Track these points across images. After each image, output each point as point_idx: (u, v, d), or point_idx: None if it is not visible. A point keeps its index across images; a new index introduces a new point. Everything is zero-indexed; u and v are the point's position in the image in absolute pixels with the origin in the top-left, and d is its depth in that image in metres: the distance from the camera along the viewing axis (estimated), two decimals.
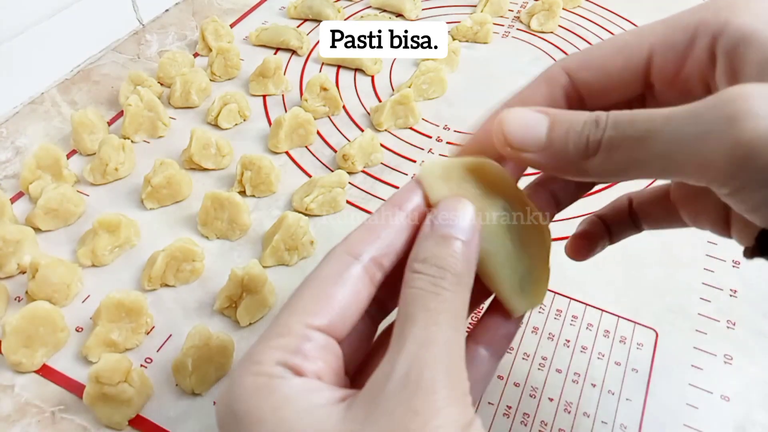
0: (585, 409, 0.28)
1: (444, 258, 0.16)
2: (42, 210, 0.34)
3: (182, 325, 0.30)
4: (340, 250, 0.17)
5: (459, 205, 0.17)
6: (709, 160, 0.14)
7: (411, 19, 0.52)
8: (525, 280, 0.18)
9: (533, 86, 0.19)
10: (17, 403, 0.27)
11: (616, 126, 0.15)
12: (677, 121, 0.14)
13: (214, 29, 0.47)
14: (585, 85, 0.18)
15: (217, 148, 0.38)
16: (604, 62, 0.18)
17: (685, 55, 0.17)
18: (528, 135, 0.16)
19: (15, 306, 0.31)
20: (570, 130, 0.16)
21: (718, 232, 0.20)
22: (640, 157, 0.15)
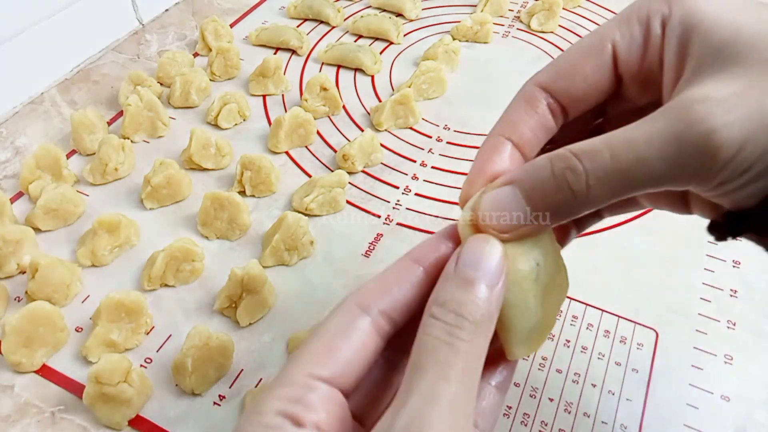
0: (585, 409, 0.28)
1: (464, 303, 0.15)
2: (42, 210, 0.34)
3: (182, 325, 0.30)
4: (350, 302, 0.17)
5: (487, 246, 0.16)
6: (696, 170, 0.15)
7: (411, 18, 0.52)
8: (533, 330, 0.17)
9: (516, 109, 0.18)
10: (17, 404, 0.27)
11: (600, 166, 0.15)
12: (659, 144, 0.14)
13: (214, 29, 0.47)
14: (563, 96, 0.18)
15: (216, 148, 0.38)
16: (574, 69, 0.18)
17: (645, 46, 0.17)
18: (510, 215, 0.16)
19: (15, 306, 0.31)
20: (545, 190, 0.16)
21: (677, 211, 0.21)
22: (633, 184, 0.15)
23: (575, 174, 0.15)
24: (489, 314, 0.15)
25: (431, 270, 0.17)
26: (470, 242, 0.16)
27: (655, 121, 0.15)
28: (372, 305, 0.16)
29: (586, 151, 0.15)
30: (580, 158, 0.15)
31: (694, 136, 0.14)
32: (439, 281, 0.16)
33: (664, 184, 0.15)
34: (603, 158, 0.15)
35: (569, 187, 0.15)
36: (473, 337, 0.15)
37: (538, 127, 0.18)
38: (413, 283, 0.17)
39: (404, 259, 0.17)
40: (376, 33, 0.50)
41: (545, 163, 0.16)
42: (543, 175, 0.16)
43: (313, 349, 0.16)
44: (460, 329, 0.15)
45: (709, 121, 0.14)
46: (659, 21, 0.17)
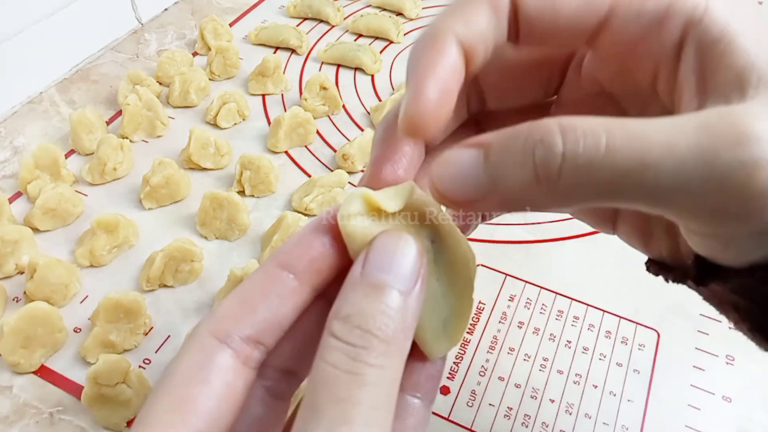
0: (586, 410, 0.28)
1: (372, 316, 0.12)
2: (40, 210, 0.34)
3: (181, 326, 0.30)
4: (203, 332, 0.13)
5: (399, 243, 0.13)
6: (712, 207, 0.11)
7: (411, 17, 0.52)
8: (448, 321, 0.15)
9: (477, 9, 0.14)
10: (15, 404, 0.27)
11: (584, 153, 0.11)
12: (681, 153, 0.11)
13: (213, 28, 0.47)
14: (527, 18, 0.14)
15: (216, 148, 0.38)
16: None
17: (649, 32, 0.14)
18: (465, 184, 0.13)
19: (13, 306, 0.31)
20: (509, 158, 0.12)
21: (599, 227, 0.18)
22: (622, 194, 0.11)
23: (547, 153, 0.11)
24: (404, 328, 0.12)
25: (306, 277, 0.14)
26: (379, 240, 0.13)
27: (684, 126, 0.11)
28: (232, 332, 0.13)
29: (577, 128, 0.11)
30: (565, 135, 0.11)
31: (733, 162, 0.11)
32: (342, 289, 0.13)
33: (662, 207, 0.12)
34: (595, 145, 0.11)
35: (533, 169, 0.12)
36: (385, 360, 0.12)
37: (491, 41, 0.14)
38: (283, 296, 0.13)
39: (269, 265, 0.14)
40: (376, 32, 0.49)
41: (522, 129, 0.12)
42: (514, 143, 0.12)
43: (164, 406, 0.12)
44: (366, 351, 0.12)
45: (759, 146, 0.11)
46: (683, 19, 0.13)
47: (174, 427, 0.12)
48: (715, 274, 0.14)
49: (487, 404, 0.28)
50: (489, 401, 0.28)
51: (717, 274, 0.14)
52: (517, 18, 0.14)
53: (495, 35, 0.14)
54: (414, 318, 0.13)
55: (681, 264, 0.15)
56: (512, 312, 0.31)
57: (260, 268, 0.14)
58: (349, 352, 0.12)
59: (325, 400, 0.12)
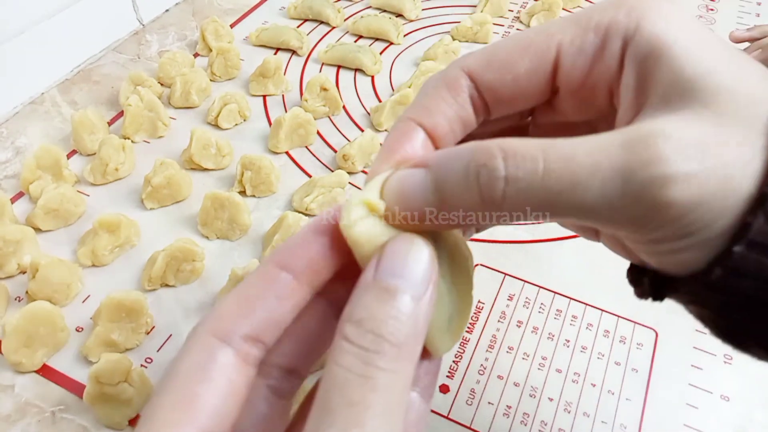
0: (585, 409, 0.28)
1: (384, 321, 0.12)
2: (42, 210, 0.34)
3: (182, 325, 0.30)
4: (203, 332, 0.13)
5: (411, 248, 0.13)
6: (633, 220, 0.13)
7: (411, 19, 0.52)
8: (452, 318, 0.15)
9: (434, 94, 0.16)
10: (17, 403, 0.27)
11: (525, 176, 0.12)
12: (604, 174, 0.12)
13: (215, 29, 0.47)
14: (489, 90, 0.15)
15: (217, 148, 0.38)
16: (508, 63, 0.15)
17: (595, 60, 0.15)
18: (413, 203, 0.13)
19: (15, 306, 0.31)
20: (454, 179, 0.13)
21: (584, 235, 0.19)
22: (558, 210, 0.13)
23: (491, 177, 0.12)
24: (415, 332, 0.13)
25: (304, 277, 0.14)
26: (392, 245, 0.13)
27: (607, 146, 0.12)
28: (232, 331, 0.13)
29: (518, 154, 0.12)
30: (507, 159, 0.12)
31: (646, 178, 0.12)
32: (354, 293, 0.13)
33: (592, 220, 0.13)
34: (534, 168, 0.12)
35: (478, 191, 0.13)
36: (396, 365, 0.12)
37: (455, 119, 0.15)
38: (281, 296, 0.14)
39: (267, 265, 0.14)
40: (376, 33, 0.50)
41: (464, 153, 0.13)
42: (456, 166, 0.13)
43: (168, 403, 0.12)
44: (378, 356, 0.12)
45: (669, 165, 0.12)
46: (620, 37, 0.14)
47: (180, 424, 0.12)
48: (668, 287, 0.15)
49: (486, 403, 0.28)
50: (488, 400, 0.28)
51: (669, 287, 0.15)
52: (480, 93, 0.15)
53: (458, 112, 0.15)
54: (425, 323, 0.13)
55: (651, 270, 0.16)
56: (511, 311, 0.32)
57: (259, 268, 0.14)
58: (362, 355, 0.12)
59: (338, 403, 0.12)
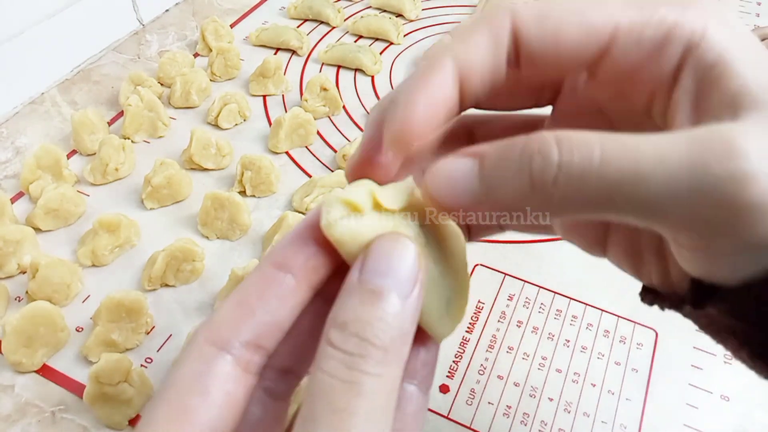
0: (585, 409, 0.28)
1: (370, 323, 0.12)
2: (42, 210, 0.34)
3: (182, 325, 0.30)
4: (201, 340, 0.13)
5: (396, 247, 0.13)
6: (702, 220, 0.11)
7: (411, 19, 0.52)
8: (450, 300, 0.15)
9: (478, 32, 0.14)
10: (17, 403, 0.27)
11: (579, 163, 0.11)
12: (673, 165, 0.11)
13: (215, 29, 0.47)
14: (529, 47, 0.14)
15: (217, 148, 0.38)
16: (559, 28, 0.14)
17: (649, 58, 0.14)
18: (458, 189, 0.13)
19: (15, 306, 0.31)
20: (505, 169, 0.12)
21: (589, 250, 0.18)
22: (615, 204, 0.12)
23: (544, 163, 0.12)
24: (402, 333, 0.12)
25: (303, 276, 0.14)
26: (377, 244, 0.13)
27: (675, 139, 0.12)
28: (230, 338, 0.13)
29: (572, 140, 0.12)
30: (561, 146, 0.12)
31: (723, 173, 0.11)
32: (340, 295, 0.13)
33: (653, 219, 0.12)
34: (589, 155, 0.11)
35: (529, 177, 0.12)
36: (382, 369, 0.12)
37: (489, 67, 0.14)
38: (281, 297, 0.13)
39: (264, 266, 0.14)
40: (376, 33, 0.50)
41: (518, 141, 0.12)
42: (508, 153, 0.12)
43: (162, 416, 0.12)
44: (363, 360, 0.12)
45: (750, 161, 0.11)
46: (684, 42, 0.13)
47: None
48: (710, 296, 0.14)
49: (486, 403, 0.28)
50: (488, 400, 0.28)
51: (712, 296, 0.14)
52: (517, 46, 0.14)
53: (493, 62, 0.14)
54: (413, 323, 0.13)
55: (671, 290, 0.15)
56: (511, 311, 0.32)
57: (256, 270, 0.14)
58: (346, 360, 0.12)
59: (323, 410, 0.11)
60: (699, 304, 0.14)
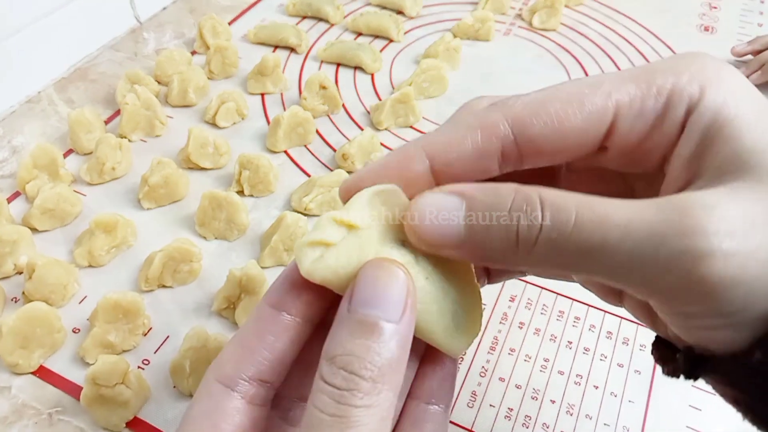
0: (587, 411, 0.27)
1: (358, 356, 0.12)
2: (38, 210, 0.33)
3: (180, 327, 0.30)
4: (210, 379, 0.14)
5: (381, 274, 0.13)
6: (666, 288, 0.12)
7: (411, 16, 0.52)
8: (458, 314, 0.14)
9: (464, 131, 0.14)
10: (14, 405, 0.27)
11: (557, 227, 0.12)
12: (636, 236, 0.12)
13: (212, 27, 0.47)
14: (530, 143, 0.14)
15: (214, 147, 0.38)
16: (559, 118, 0.14)
17: (654, 126, 0.14)
18: (443, 229, 0.13)
19: (11, 307, 0.31)
20: (492, 220, 0.13)
21: (606, 300, 0.18)
22: (585, 266, 0.12)
23: (529, 223, 0.12)
24: (393, 360, 0.12)
25: (297, 311, 0.14)
26: (362, 274, 0.13)
27: (643, 209, 0.12)
28: (235, 376, 0.14)
29: (554, 204, 0.12)
30: (544, 208, 0.12)
31: (681, 248, 0.11)
32: (332, 328, 0.13)
33: (622, 283, 0.13)
34: (565, 221, 0.12)
35: (515, 234, 0.13)
36: (372, 399, 0.12)
37: (473, 167, 0.14)
38: (278, 333, 0.14)
39: (261, 307, 0.14)
40: (376, 31, 0.49)
41: (509, 193, 0.13)
42: (500, 203, 0.13)
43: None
44: (351, 393, 0.12)
45: (707, 239, 0.11)
46: (684, 106, 0.14)
47: None
48: (702, 365, 0.14)
49: (487, 405, 0.28)
50: (490, 402, 0.28)
51: (704, 365, 0.14)
52: (518, 144, 0.14)
53: (480, 160, 0.14)
54: (405, 348, 0.13)
55: (684, 346, 0.15)
56: (513, 313, 0.31)
57: (254, 311, 0.15)
58: (335, 395, 0.12)
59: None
60: (692, 374, 0.15)
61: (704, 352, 0.14)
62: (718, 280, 0.11)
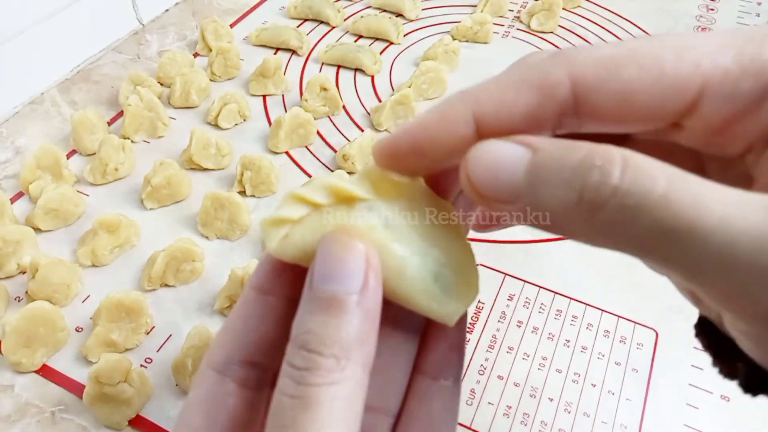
0: (585, 409, 0.28)
1: (317, 334, 0.11)
2: (42, 210, 0.34)
3: (182, 325, 0.30)
4: (204, 366, 0.14)
5: (334, 246, 0.12)
6: (753, 301, 0.10)
7: (411, 18, 0.52)
8: (444, 276, 0.13)
9: (520, 87, 0.12)
10: (17, 403, 0.27)
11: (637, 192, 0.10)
12: (737, 231, 0.10)
13: (214, 29, 0.47)
14: (594, 109, 0.12)
15: (217, 148, 0.38)
16: (631, 87, 0.12)
17: (748, 111, 0.12)
18: (500, 179, 0.11)
19: (15, 306, 0.31)
20: (557, 170, 0.11)
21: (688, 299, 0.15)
22: (659, 250, 0.10)
23: (602, 180, 0.10)
24: (357, 333, 0.12)
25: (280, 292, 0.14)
26: (319, 248, 0.12)
27: (752, 203, 0.10)
28: (226, 360, 0.14)
29: (639, 167, 0.10)
30: (625, 168, 0.10)
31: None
32: (298, 308, 0.12)
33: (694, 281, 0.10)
34: (650, 189, 0.10)
35: (579, 191, 0.10)
36: (335, 377, 0.11)
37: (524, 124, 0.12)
38: (262, 316, 0.14)
39: (245, 291, 0.14)
40: (376, 33, 0.50)
41: (580, 146, 0.11)
42: (567, 156, 0.11)
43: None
44: (310, 372, 0.11)
45: None
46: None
47: None
48: (764, 385, 0.12)
49: (486, 403, 0.28)
50: (488, 400, 0.28)
51: (765, 385, 0.12)
52: (577, 107, 0.12)
53: (534, 120, 0.12)
54: (372, 320, 0.12)
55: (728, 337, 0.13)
56: (511, 311, 0.32)
57: (241, 296, 0.15)
58: (295, 375, 0.12)
59: (272, 429, 0.11)
60: (750, 391, 0.13)
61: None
62: None
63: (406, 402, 0.15)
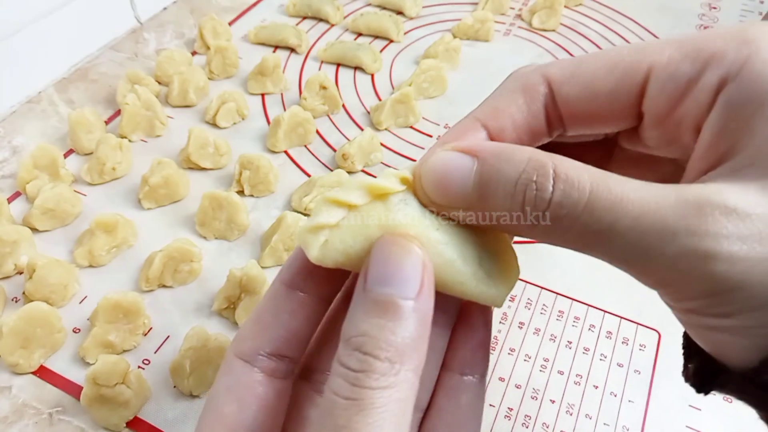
0: (587, 410, 0.27)
1: (373, 337, 0.12)
2: (39, 210, 0.34)
3: (180, 327, 0.30)
4: (230, 355, 0.14)
5: (395, 250, 0.12)
6: (670, 281, 0.12)
7: (411, 16, 0.52)
8: (485, 260, 0.14)
9: (508, 95, 0.15)
10: (14, 405, 0.27)
11: (567, 204, 0.12)
12: (647, 228, 0.11)
13: (213, 27, 0.47)
14: (566, 104, 0.14)
15: (215, 148, 0.38)
16: (592, 78, 0.14)
17: (686, 91, 0.13)
18: (452, 188, 0.13)
19: (12, 307, 0.31)
20: (501, 184, 0.12)
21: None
22: (591, 247, 0.12)
23: (538, 194, 0.12)
24: (412, 338, 0.12)
25: (311, 289, 0.14)
26: (374, 251, 0.13)
27: (661, 198, 0.11)
28: (253, 351, 0.14)
29: (568, 180, 0.12)
30: (557, 182, 0.12)
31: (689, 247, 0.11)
32: (350, 308, 0.13)
33: (625, 270, 0.12)
34: (576, 199, 0.12)
35: (521, 203, 0.12)
36: (389, 379, 0.11)
37: (525, 127, 0.14)
38: (292, 311, 0.14)
39: (275, 284, 0.15)
40: (376, 31, 0.49)
41: (522, 159, 0.12)
42: (508, 170, 0.12)
43: (203, 426, 0.14)
44: (366, 375, 0.11)
45: (717, 242, 0.11)
46: (721, 72, 0.12)
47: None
48: (714, 380, 0.14)
49: (487, 405, 0.28)
50: (490, 402, 0.28)
51: (715, 380, 0.14)
52: (555, 104, 0.14)
53: (529, 121, 0.15)
54: (425, 325, 0.12)
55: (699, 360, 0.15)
56: (513, 313, 0.31)
57: (269, 289, 0.15)
58: (350, 377, 0.12)
59: (325, 429, 0.11)
60: (703, 388, 0.15)
61: (718, 366, 0.13)
62: (720, 279, 0.11)
63: (435, 397, 0.15)
